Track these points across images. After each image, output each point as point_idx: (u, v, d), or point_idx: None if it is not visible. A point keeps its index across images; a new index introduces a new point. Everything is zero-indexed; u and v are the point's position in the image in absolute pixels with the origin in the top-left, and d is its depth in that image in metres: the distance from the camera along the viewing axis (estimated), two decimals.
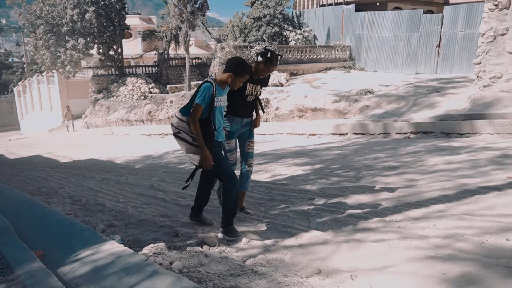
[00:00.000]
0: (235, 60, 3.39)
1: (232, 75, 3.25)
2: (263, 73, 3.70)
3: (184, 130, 3.25)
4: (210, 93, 3.18)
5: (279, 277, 2.41)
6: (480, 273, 2.33)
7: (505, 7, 8.24)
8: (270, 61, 3.61)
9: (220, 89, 3.30)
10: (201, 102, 3.17)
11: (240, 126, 3.80)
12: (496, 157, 5.33)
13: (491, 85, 8.66)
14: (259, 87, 3.81)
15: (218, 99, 3.28)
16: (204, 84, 3.24)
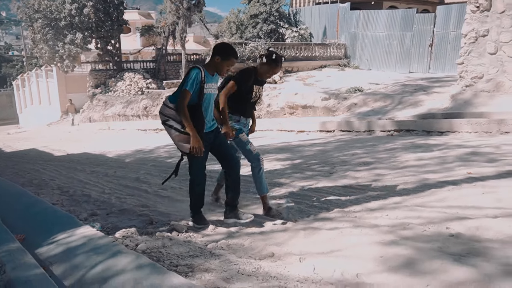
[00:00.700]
0: (221, 44, 3.35)
1: (219, 58, 3.19)
2: (268, 75, 3.70)
3: (173, 117, 3.18)
4: (198, 79, 3.11)
5: (233, 258, 2.67)
6: (413, 256, 2.59)
7: (486, 9, 8.47)
8: (275, 63, 3.61)
9: (209, 75, 3.22)
10: (188, 88, 3.10)
11: (243, 126, 3.83)
12: (465, 154, 5.59)
13: (472, 85, 8.90)
14: (262, 88, 3.85)
15: (208, 86, 3.20)
16: (192, 70, 3.17)
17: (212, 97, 3.33)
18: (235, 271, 2.37)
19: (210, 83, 3.24)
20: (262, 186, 3.82)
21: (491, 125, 7.54)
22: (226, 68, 3.25)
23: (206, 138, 3.31)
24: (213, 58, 3.23)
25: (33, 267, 2.35)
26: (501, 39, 8.38)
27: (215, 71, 3.27)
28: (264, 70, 3.65)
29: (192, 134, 3.12)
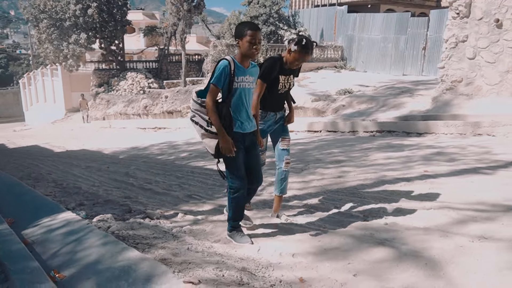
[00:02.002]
0: (237, 25, 2.97)
1: (238, 40, 2.86)
2: (297, 64, 3.34)
3: (199, 113, 2.93)
4: (226, 72, 2.81)
5: (190, 240, 3.09)
6: (346, 240, 3.00)
7: (465, 16, 8.83)
8: (305, 49, 3.23)
9: (241, 67, 2.88)
10: (216, 82, 2.82)
11: (273, 121, 3.50)
12: (431, 154, 5.98)
13: (452, 88, 9.26)
14: (291, 77, 3.46)
15: (239, 79, 2.87)
16: (220, 62, 2.88)
17: (247, 92, 2.95)
18: (186, 248, 2.79)
19: (243, 76, 2.89)
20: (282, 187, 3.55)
21: (466, 127, 7.90)
22: (250, 46, 2.81)
23: (243, 139, 3.00)
24: (237, 45, 2.91)
25: (16, 243, 2.78)
26: (479, 44, 8.74)
27: (246, 58, 2.90)
28: (293, 58, 3.27)
29: (220, 134, 2.81)
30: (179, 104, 18.38)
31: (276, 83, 3.34)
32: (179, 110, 18.06)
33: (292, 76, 3.46)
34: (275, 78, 3.30)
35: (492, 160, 5.20)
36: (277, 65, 3.32)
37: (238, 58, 2.90)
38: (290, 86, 3.49)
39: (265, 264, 2.65)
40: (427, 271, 2.46)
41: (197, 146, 9.34)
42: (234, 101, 2.90)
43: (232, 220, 3.15)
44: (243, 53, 2.87)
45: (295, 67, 3.39)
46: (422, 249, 2.74)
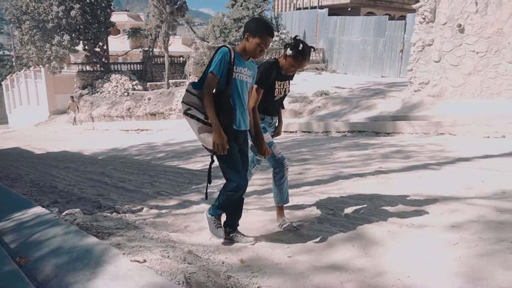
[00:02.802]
0: (252, 19, 2.80)
1: (248, 35, 2.67)
2: (292, 70, 3.15)
3: (195, 105, 2.69)
4: (226, 60, 2.63)
5: (149, 230, 3.37)
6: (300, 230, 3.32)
7: (431, 21, 9.27)
8: (302, 54, 3.04)
9: (240, 58, 2.73)
10: (215, 70, 2.62)
11: (268, 125, 3.36)
12: (390, 152, 6.35)
13: (420, 90, 9.69)
14: (287, 83, 3.30)
15: (238, 70, 2.70)
16: (220, 49, 2.69)
17: (244, 85, 2.79)
18: (142, 236, 3.08)
19: (242, 67, 2.73)
20: (282, 195, 3.36)
21: (429, 127, 8.30)
22: (258, 47, 2.66)
23: (237, 136, 2.82)
24: (243, 37, 2.72)
25: None
26: (444, 48, 9.18)
27: (247, 53, 2.74)
28: (289, 64, 3.09)
29: (214, 127, 2.61)
30: (162, 106, 18.60)
31: (272, 89, 3.17)
32: (162, 112, 18.28)
33: (288, 82, 3.30)
34: (271, 84, 3.12)
35: (443, 157, 5.58)
36: (273, 69, 3.13)
37: (238, 50, 2.74)
38: (286, 92, 3.33)
39: (213, 249, 2.95)
40: (354, 252, 2.79)
41: (174, 147, 9.61)
42: (232, 92, 2.72)
43: (218, 208, 2.95)
44: (247, 50, 2.71)
45: (291, 73, 3.21)
46: (355, 235, 3.07)
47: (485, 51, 8.57)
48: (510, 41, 8.21)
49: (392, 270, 2.48)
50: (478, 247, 2.65)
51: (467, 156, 5.44)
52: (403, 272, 2.44)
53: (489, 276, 2.29)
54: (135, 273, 2.14)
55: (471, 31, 8.69)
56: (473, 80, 8.82)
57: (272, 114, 3.38)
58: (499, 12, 8.25)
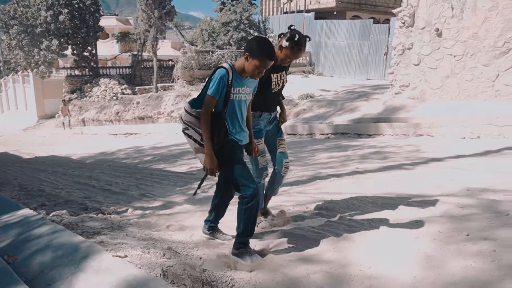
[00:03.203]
0: (254, 38, 2.75)
1: (248, 55, 2.61)
2: (288, 61, 3.10)
3: (193, 126, 2.73)
4: (224, 82, 2.62)
5: (133, 230, 3.55)
6: (266, 224, 3.52)
7: (410, 25, 9.56)
8: (297, 45, 3.00)
9: (239, 78, 2.70)
10: (213, 94, 2.63)
11: (267, 121, 3.30)
12: (369, 153, 6.59)
13: (401, 93, 9.97)
14: (284, 73, 3.24)
15: (236, 91, 2.70)
16: (218, 70, 2.67)
17: (243, 104, 2.79)
18: (125, 235, 3.26)
19: (240, 87, 2.72)
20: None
21: (408, 129, 8.58)
22: (256, 69, 2.61)
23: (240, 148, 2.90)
24: (244, 55, 2.66)
25: None
26: (423, 52, 9.47)
27: (245, 73, 2.70)
28: (284, 55, 3.04)
29: (207, 151, 2.66)
30: (150, 110, 18.72)
31: (268, 82, 3.11)
32: (150, 116, 18.40)
33: (284, 72, 3.25)
34: (267, 77, 3.05)
35: (418, 157, 5.83)
36: None
37: (237, 68, 2.70)
38: (284, 83, 3.28)
39: (192, 246, 3.14)
40: (323, 246, 2.99)
41: (161, 151, 9.77)
42: (229, 112, 2.73)
43: (243, 236, 2.81)
44: (246, 70, 2.66)
45: (285, 64, 3.16)
46: (326, 231, 3.28)
47: (461, 55, 8.88)
48: (485, 45, 8.51)
49: (356, 262, 2.69)
50: (436, 240, 2.87)
51: (440, 156, 5.69)
52: (366, 264, 2.65)
53: (442, 265, 2.51)
54: (115, 267, 2.33)
55: (448, 35, 8.99)
56: (451, 82, 9.11)
57: (271, 109, 3.28)
58: (474, 17, 8.55)
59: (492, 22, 8.36)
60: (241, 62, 2.69)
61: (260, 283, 2.50)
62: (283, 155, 3.41)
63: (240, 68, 2.69)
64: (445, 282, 2.31)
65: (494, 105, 8.33)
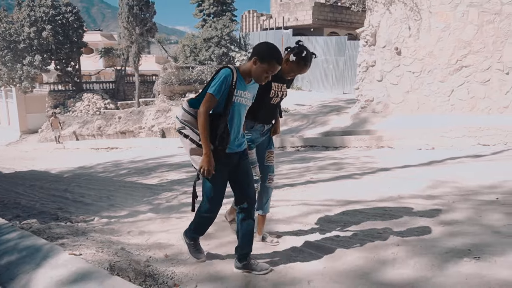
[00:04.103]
0: (262, 43, 2.68)
1: (256, 59, 2.56)
2: (292, 75, 3.10)
3: (190, 125, 2.65)
4: (228, 82, 2.54)
5: (95, 235, 3.94)
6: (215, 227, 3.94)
7: (372, 44, 10.18)
8: (304, 60, 3.00)
9: (242, 81, 2.63)
10: (215, 92, 2.54)
11: (260, 133, 3.22)
12: (328, 164, 7.07)
13: (366, 107, 10.55)
14: (284, 87, 3.21)
15: (239, 93, 2.61)
16: (222, 70, 2.60)
17: (242, 109, 2.71)
18: (85, 238, 3.65)
19: (243, 91, 2.64)
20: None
21: (371, 141, 9.11)
22: (264, 73, 2.58)
23: (229, 160, 2.73)
24: (250, 60, 2.61)
25: None
26: (385, 69, 10.08)
27: (251, 77, 2.64)
28: (289, 68, 3.03)
29: (205, 151, 2.56)
30: (132, 124, 19.06)
31: (268, 89, 3.04)
32: (132, 130, 18.73)
33: (285, 85, 3.22)
34: (267, 84, 2.93)
35: (369, 167, 6.33)
36: None
37: (242, 71, 2.64)
38: (283, 96, 3.22)
39: (145, 247, 3.54)
40: (257, 245, 3.42)
41: (138, 164, 10.13)
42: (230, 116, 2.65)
43: (193, 231, 3.06)
44: (252, 74, 2.61)
45: (289, 77, 3.15)
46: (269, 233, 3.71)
47: (419, 71, 9.50)
48: (440, 62, 9.15)
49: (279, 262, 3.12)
50: (352, 239, 3.33)
51: (388, 166, 6.20)
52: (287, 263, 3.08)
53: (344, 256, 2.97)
54: (69, 262, 2.72)
55: (407, 53, 9.62)
56: (411, 97, 9.72)
57: (265, 121, 3.21)
58: (429, 36, 9.20)
59: (445, 41, 9.01)
60: (247, 66, 2.63)
61: (196, 275, 2.91)
62: (269, 168, 3.34)
63: (245, 72, 2.63)
64: (338, 270, 2.76)
65: (449, 118, 8.93)
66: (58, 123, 21.65)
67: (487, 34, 8.43)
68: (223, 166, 2.69)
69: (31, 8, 25.13)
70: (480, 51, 8.57)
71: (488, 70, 8.51)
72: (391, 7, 9.75)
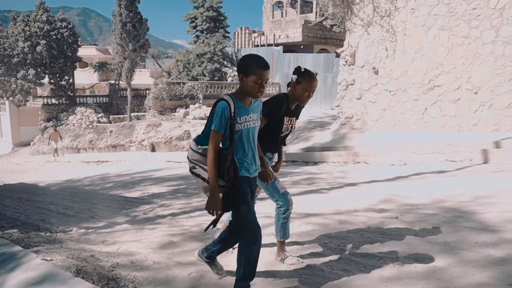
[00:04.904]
0: (241, 58, 2.60)
1: (242, 75, 2.53)
2: (307, 95, 3.07)
3: (200, 164, 2.60)
4: (226, 115, 2.50)
5: (70, 243, 4.23)
6: (180, 238, 4.26)
7: (352, 64, 10.63)
8: (308, 74, 3.05)
9: (243, 107, 2.58)
10: (217, 127, 2.50)
11: (268, 161, 3.30)
12: (302, 179, 7.41)
13: (346, 124, 10.94)
14: (294, 119, 3.26)
15: (242, 119, 2.57)
16: (218, 104, 2.55)
17: (252, 131, 2.66)
18: (59, 246, 3.95)
19: (246, 115, 2.59)
20: (285, 230, 3.39)
21: (348, 157, 9.47)
22: (255, 85, 2.50)
23: (251, 183, 2.73)
24: (239, 79, 2.59)
25: None
26: (363, 87, 10.51)
27: (247, 95, 2.59)
28: (302, 90, 3.04)
29: (210, 192, 2.51)
30: (123, 138, 19.38)
31: (280, 124, 3.10)
32: (122, 144, 19.04)
33: (294, 118, 3.27)
34: (279, 119, 3.04)
35: (339, 183, 6.67)
36: (284, 104, 3.07)
37: (238, 95, 2.59)
38: (292, 128, 3.29)
39: (115, 255, 3.85)
40: None
41: (124, 178, 10.43)
42: (239, 142, 2.60)
43: (243, 280, 2.67)
44: (246, 92, 2.55)
45: (306, 100, 3.11)
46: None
47: (395, 90, 9.93)
48: (414, 82, 9.58)
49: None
50: (300, 247, 3.66)
51: (356, 182, 6.55)
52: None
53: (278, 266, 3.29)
54: (40, 266, 3.03)
55: (384, 73, 10.06)
56: (387, 115, 10.13)
57: (274, 151, 3.30)
58: (404, 57, 9.66)
59: (419, 62, 9.46)
60: (239, 87, 2.60)
61: (154, 278, 3.22)
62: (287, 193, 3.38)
63: (240, 95, 2.59)
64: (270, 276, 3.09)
65: (423, 135, 9.33)
66: (59, 136, 21.41)
67: (457, 56, 8.88)
68: (247, 190, 2.65)
69: (26, 23, 25.59)
70: (451, 72, 9.01)
71: (458, 89, 8.95)
72: (369, 29, 10.23)
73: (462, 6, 8.59)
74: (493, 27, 8.27)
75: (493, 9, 8.20)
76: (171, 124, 17.78)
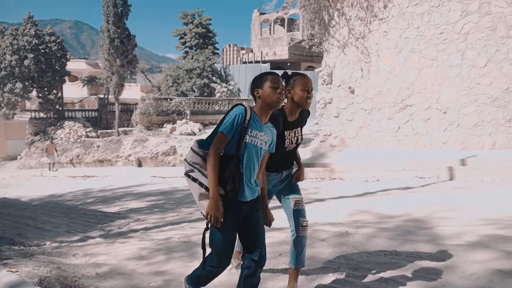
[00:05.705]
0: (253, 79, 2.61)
1: (258, 90, 2.49)
2: (308, 96, 2.86)
3: (200, 168, 2.41)
4: (239, 120, 2.38)
5: (41, 257, 4.42)
6: (158, 246, 4.47)
7: (329, 83, 11.00)
8: (299, 74, 2.95)
9: (258, 121, 2.49)
10: (226, 130, 2.38)
11: (278, 181, 3.07)
12: None
13: (324, 141, 11.26)
14: (299, 131, 3.05)
15: (253, 133, 2.43)
16: (235, 107, 2.45)
17: (258, 151, 2.49)
18: (29, 259, 4.14)
19: (258, 131, 2.46)
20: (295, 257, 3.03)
21: (325, 173, 9.76)
22: (273, 91, 2.44)
23: (241, 209, 2.49)
24: (255, 98, 2.53)
25: None
26: (340, 105, 10.86)
27: (267, 111, 2.52)
28: (299, 93, 2.85)
29: (211, 196, 2.31)
30: (110, 153, 19.52)
31: (282, 141, 2.90)
32: (109, 159, 19.17)
33: (299, 129, 3.07)
34: (279, 135, 2.82)
35: (309, 198, 6.91)
36: (279, 120, 2.84)
37: (256, 110, 2.51)
38: (298, 141, 3.07)
39: (82, 267, 4.05)
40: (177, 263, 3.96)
41: (106, 193, 10.59)
42: (242, 157, 2.43)
43: (197, 281, 2.67)
44: (266, 101, 2.47)
45: (308, 101, 2.91)
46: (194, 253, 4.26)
47: (370, 109, 10.29)
48: (387, 101, 9.95)
49: None
50: None
51: (324, 197, 6.82)
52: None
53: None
54: (4, 276, 3.23)
55: (359, 92, 10.43)
56: (363, 133, 10.47)
57: (283, 169, 3.07)
58: (378, 77, 10.04)
59: (392, 82, 9.85)
60: (257, 103, 2.52)
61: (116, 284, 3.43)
62: (300, 212, 3.05)
63: (258, 110, 2.51)
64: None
65: (396, 152, 9.67)
66: (54, 149, 20.88)
67: (426, 77, 9.28)
68: (234, 215, 2.45)
69: (14, 37, 25.81)
70: (421, 92, 9.40)
71: (429, 109, 9.32)
72: (345, 50, 10.63)
73: (430, 31, 9.02)
74: (459, 50, 8.69)
75: (458, 34, 8.63)
76: (158, 139, 18.00)
